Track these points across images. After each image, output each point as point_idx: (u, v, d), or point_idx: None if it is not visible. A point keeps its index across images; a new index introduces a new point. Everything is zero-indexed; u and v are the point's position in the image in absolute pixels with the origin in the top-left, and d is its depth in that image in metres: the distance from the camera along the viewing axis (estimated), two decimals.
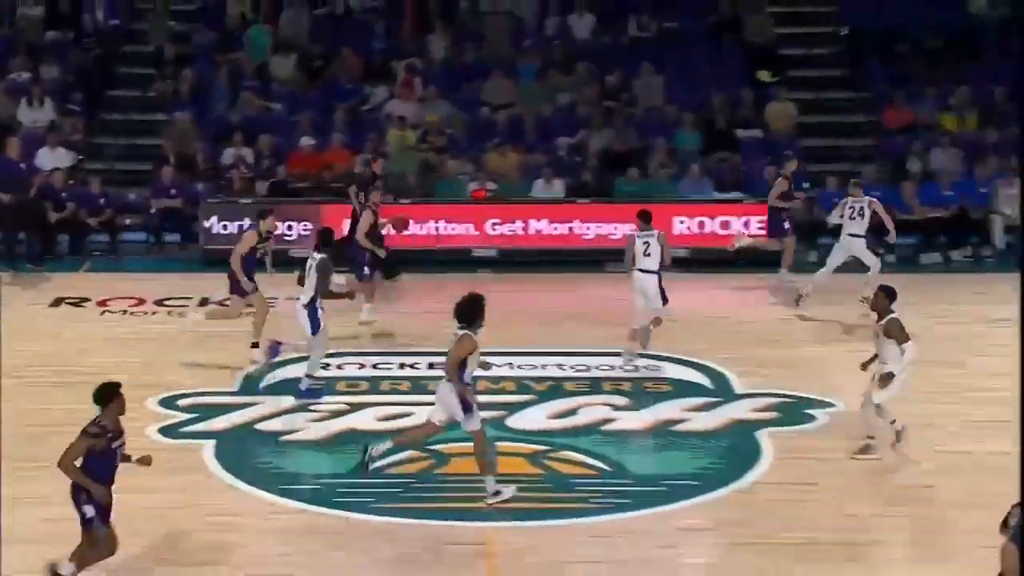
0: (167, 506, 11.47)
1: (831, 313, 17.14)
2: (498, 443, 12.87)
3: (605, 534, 11.21)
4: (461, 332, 11.47)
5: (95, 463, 9.55)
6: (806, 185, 20.54)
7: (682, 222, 19.78)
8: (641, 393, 14.52)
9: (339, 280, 15.19)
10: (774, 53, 23.05)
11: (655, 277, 14.99)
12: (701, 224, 19.88)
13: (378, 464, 11.78)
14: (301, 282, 14.25)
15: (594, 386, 14.73)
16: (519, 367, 15.27)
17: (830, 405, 13.99)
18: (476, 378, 12.01)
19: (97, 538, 9.66)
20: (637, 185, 20.62)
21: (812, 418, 13.76)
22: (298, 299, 14.20)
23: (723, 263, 19.32)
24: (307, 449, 13.12)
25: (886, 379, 12.28)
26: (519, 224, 20.16)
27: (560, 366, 15.34)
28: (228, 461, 12.61)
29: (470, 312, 11.52)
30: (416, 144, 21.61)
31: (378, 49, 23.42)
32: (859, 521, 11.49)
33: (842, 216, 17.23)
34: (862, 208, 17.10)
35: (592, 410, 13.96)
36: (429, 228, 20.11)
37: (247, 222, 18.17)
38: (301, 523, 11.37)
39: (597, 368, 15.24)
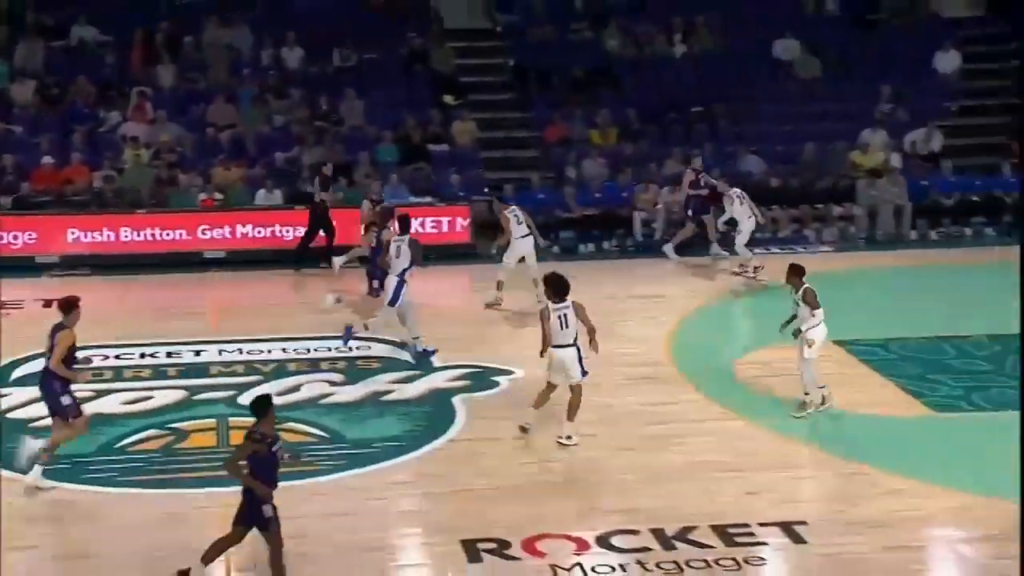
0: None
1: (513, 298, 17.47)
2: (231, 419, 12.60)
3: (327, 491, 11.12)
4: (559, 304, 11.82)
5: (260, 467, 8.97)
6: (486, 190, 20.93)
7: None
8: (354, 370, 14.45)
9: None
10: (456, 81, 23.31)
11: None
12: None
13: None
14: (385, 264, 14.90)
15: (313, 365, 14.58)
16: (248, 352, 14.99)
17: (510, 373, 14.23)
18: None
19: (277, 534, 9.05)
20: (348, 193, 20.52)
21: (496, 384, 13.97)
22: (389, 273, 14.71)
23: (422, 257, 19.39)
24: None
25: (806, 343, 12.61)
26: (245, 228, 19.77)
27: (284, 350, 15.11)
28: None
29: (560, 287, 11.95)
30: (149, 161, 20.93)
31: (110, 78, 22.52)
32: (535, 467, 11.76)
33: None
34: (518, 215, 17.07)
35: (313, 386, 13.80)
36: (164, 235, 19.53)
37: None
38: (54, 498, 10.84)
39: (315, 350, 15.09)
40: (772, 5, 24.69)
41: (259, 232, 19.85)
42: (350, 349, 14.90)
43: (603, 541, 10.20)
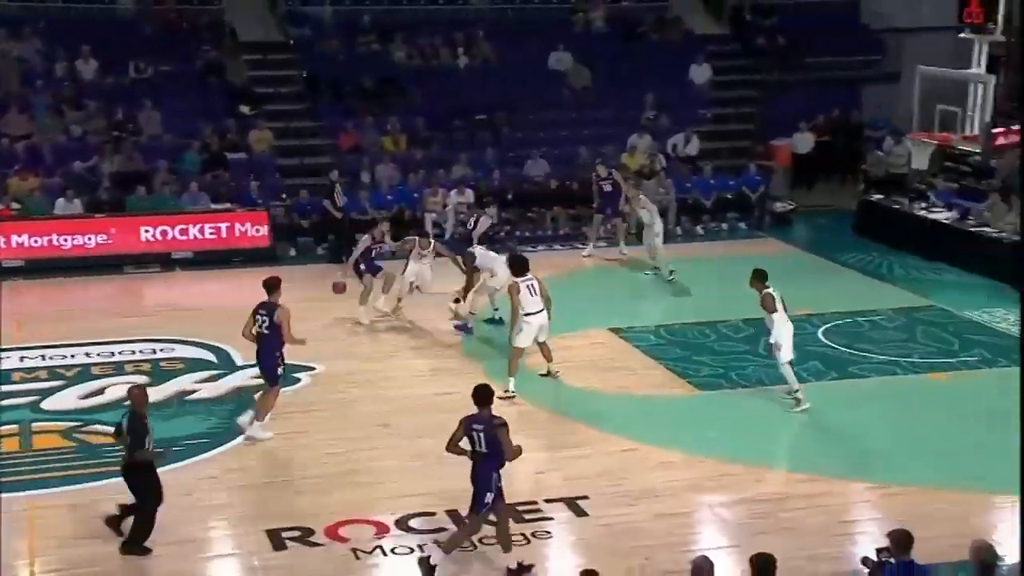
0: None
1: (305, 295, 17.26)
2: (34, 423, 12.06)
3: None
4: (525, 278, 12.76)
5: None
6: (284, 196, 20.66)
7: (186, 229, 19.29)
8: (159, 372, 14.03)
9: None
10: (251, 91, 22.87)
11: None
12: (201, 230, 19.46)
13: None
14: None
15: (118, 368, 14.10)
16: (50, 358, 14.37)
17: (311, 368, 14.08)
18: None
19: (478, 523, 9.21)
20: (147, 200, 19.90)
21: (298, 380, 13.80)
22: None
23: (224, 262, 19.03)
24: None
25: (774, 348, 12.56)
26: (44, 237, 18.90)
27: (87, 354, 14.56)
28: None
29: (522, 264, 13.19)
30: None
31: None
32: (336, 457, 11.70)
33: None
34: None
35: (117, 389, 13.32)
36: None
37: None
38: None
39: (119, 353, 14.59)
40: (546, 21, 25.18)
41: (60, 241, 19.01)
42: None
43: (402, 524, 10.24)
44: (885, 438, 12.33)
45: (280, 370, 12.12)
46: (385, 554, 9.75)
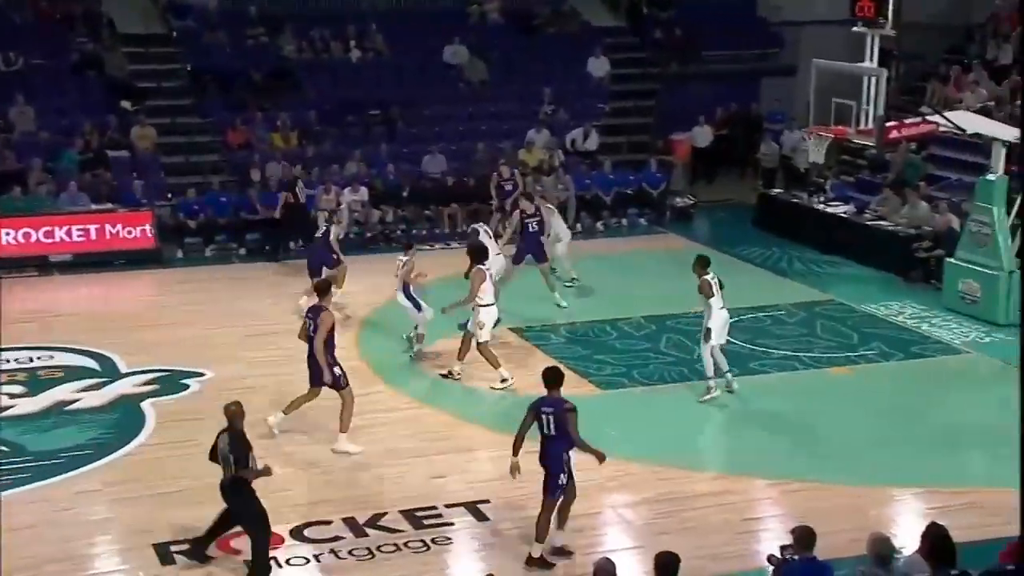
0: None
1: (192, 299, 16.99)
2: None
3: (10, 506, 10.44)
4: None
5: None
6: (170, 195, 20.29)
7: (67, 231, 18.75)
8: (36, 381, 13.64)
9: None
10: (132, 86, 22.35)
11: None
12: (83, 232, 18.95)
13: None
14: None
15: None
16: None
17: (200, 375, 13.85)
18: None
19: (553, 504, 9.55)
20: (21, 201, 19.30)
21: (186, 387, 13.56)
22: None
23: (105, 264, 18.59)
24: None
25: (706, 334, 12.89)
26: None
27: None
28: None
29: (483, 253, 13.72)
30: None
31: None
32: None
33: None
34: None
35: None
36: None
37: None
38: None
39: None
40: (440, 14, 25.13)
41: None
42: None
43: (297, 533, 10.11)
44: (786, 434, 12.57)
45: (335, 371, 11.73)
46: (280, 565, 9.61)
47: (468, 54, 24.22)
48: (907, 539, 8.96)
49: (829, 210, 20.09)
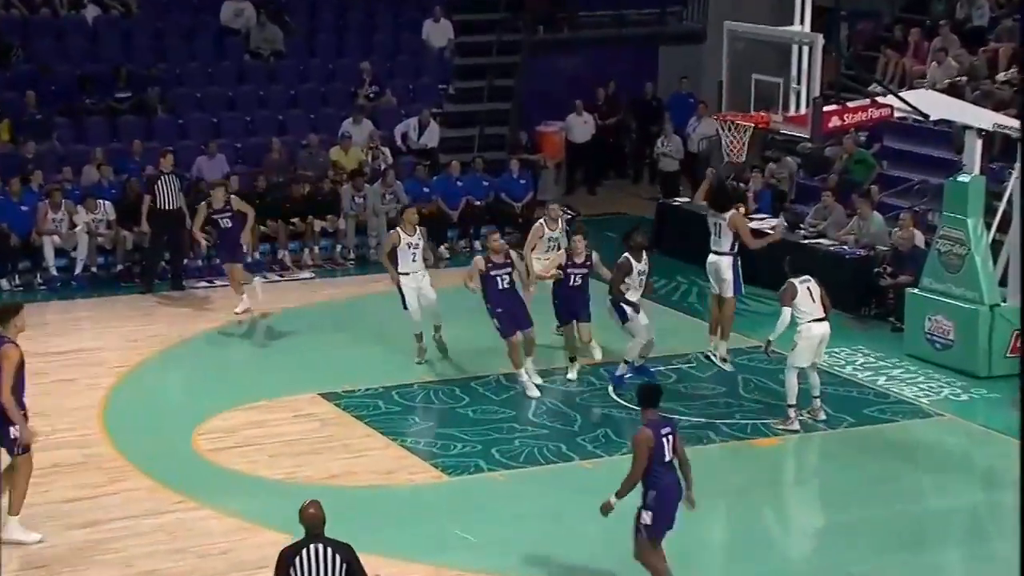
0: None
1: None
2: None
3: None
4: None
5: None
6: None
7: None
8: None
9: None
10: None
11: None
12: None
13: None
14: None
15: None
16: None
17: None
18: None
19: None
20: None
21: None
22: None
23: None
24: None
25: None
26: None
27: None
28: None
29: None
30: None
31: None
32: None
33: None
34: None
35: None
36: None
37: None
38: None
39: None
40: None
41: None
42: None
43: None
44: (701, 531, 12.76)
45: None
46: None
47: (256, 15, 24.22)
48: None
49: (751, 226, 20.55)
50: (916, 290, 17.09)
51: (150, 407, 15.53)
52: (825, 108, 14.91)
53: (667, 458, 10.86)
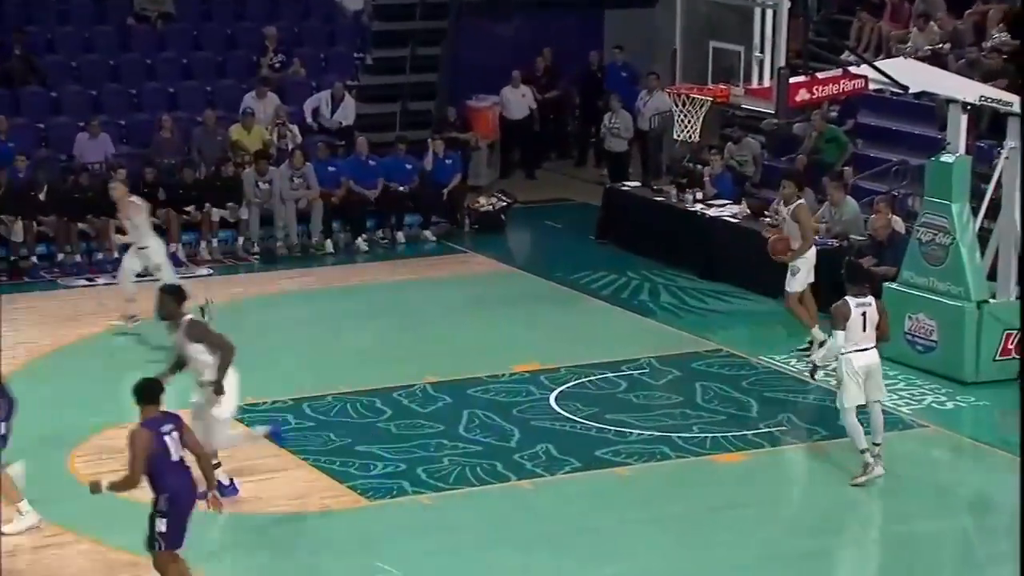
0: None
1: None
2: None
3: None
4: None
5: None
6: None
7: None
8: None
9: None
10: None
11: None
12: None
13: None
14: None
15: None
16: None
17: None
18: None
19: None
20: None
21: None
22: None
23: None
24: None
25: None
26: None
27: None
28: None
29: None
30: None
31: None
32: None
33: None
34: None
35: None
36: None
37: None
38: None
39: None
40: None
41: None
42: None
43: None
44: (654, 562, 12.83)
45: None
46: None
47: None
48: None
49: (711, 213, 20.68)
50: (894, 285, 17.12)
51: (19, 425, 15.41)
52: (792, 79, 15.01)
53: (174, 457, 10.95)
